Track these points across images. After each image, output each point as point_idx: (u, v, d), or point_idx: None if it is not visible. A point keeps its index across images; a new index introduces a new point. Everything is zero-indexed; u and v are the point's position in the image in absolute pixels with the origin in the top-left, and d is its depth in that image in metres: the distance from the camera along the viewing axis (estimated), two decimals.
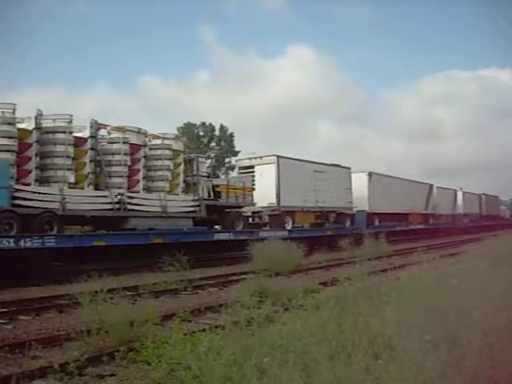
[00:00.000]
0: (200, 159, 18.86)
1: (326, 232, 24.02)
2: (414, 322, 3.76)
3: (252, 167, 22.37)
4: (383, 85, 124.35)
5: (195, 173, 17.85)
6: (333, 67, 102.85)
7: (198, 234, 17.00)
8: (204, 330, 6.13)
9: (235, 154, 48.91)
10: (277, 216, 21.50)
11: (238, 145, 52.09)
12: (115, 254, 14.61)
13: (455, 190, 44.99)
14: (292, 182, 22.15)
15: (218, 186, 19.22)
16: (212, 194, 18.43)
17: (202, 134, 52.02)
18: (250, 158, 22.96)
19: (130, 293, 9.05)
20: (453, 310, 3.93)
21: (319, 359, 3.26)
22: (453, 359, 3.02)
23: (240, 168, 23.54)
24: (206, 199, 17.92)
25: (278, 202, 21.38)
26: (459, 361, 3.01)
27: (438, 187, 40.69)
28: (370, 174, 28.97)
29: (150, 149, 16.67)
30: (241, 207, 19.94)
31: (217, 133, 52.16)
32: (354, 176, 27.27)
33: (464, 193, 46.11)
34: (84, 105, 68.17)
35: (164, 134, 17.52)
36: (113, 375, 5.17)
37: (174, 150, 17.07)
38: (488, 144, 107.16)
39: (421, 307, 4.21)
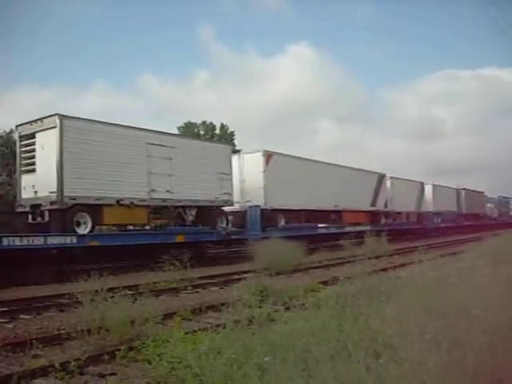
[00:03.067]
0: None
1: (171, 238, 15.78)
2: (415, 320, 3.76)
3: (33, 136, 14.35)
4: (384, 84, 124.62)
5: None
6: (333, 66, 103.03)
7: None
8: (205, 329, 6.13)
9: (236, 152, 48.90)
10: (61, 212, 13.48)
11: (238, 143, 52.11)
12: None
13: (421, 183, 37.02)
14: (94, 158, 13.97)
15: None
16: None
17: (202, 132, 52.02)
18: (30, 122, 14.44)
19: (131, 292, 9.07)
20: (453, 309, 3.94)
21: (320, 358, 3.26)
22: (454, 358, 3.03)
23: (20, 138, 14.79)
24: None
25: (61, 189, 13.33)
26: (460, 360, 3.01)
27: (393, 178, 32.13)
28: (268, 155, 20.58)
29: None
30: None
31: (217, 131, 52.12)
32: (244, 158, 20.82)
33: (435, 186, 38.41)
34: (84, 104, 68.31)
35: None
36: (113, 374, 5.18)
37: None
38: (489, 142, 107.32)
39: (421, 306, 4.21)
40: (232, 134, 52.12)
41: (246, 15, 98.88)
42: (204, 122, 52.13)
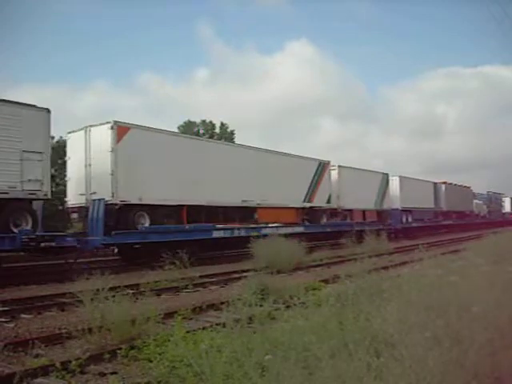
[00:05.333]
0: None
1: None
2: (416, 318, 3.76)
3: None
4: (384, 81, 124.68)
5: None
6: (333, 63, 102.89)
7: None
8: (205, 328, 6.14)
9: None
10: None
11: (238, 142, 52.10)
12: None
13: (385, 175, 30.32)
14: None
15: None
16: None
17: (202, 131, 51.96)
18: None
19: (132, 291, 9.09)
20: (453, 307, 3.93)
21: (321, 356, 3.26)
22: (454, 356, 3.03)
23: None
24: None
25: None
26: (461, 357, 3.01)
27: (341, 167, 25.77)
28: (121, 129, 14.73)
29: None
30: None
31: (217, 130, 52.07)
32: (91, 132, 14.98)
33: (403, 179, 31.96)
34: (84, 102, 68.35)
35: None
36: (114, 373, 5.19)
37: None
38: (491, 140, 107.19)
39: (422, 304, 4.21)
40: (232, 132, 52.11)
41: (245, 13, 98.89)
42: (204, 121, 52.09)
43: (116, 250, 16.49)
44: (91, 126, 15.10)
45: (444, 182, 39.01)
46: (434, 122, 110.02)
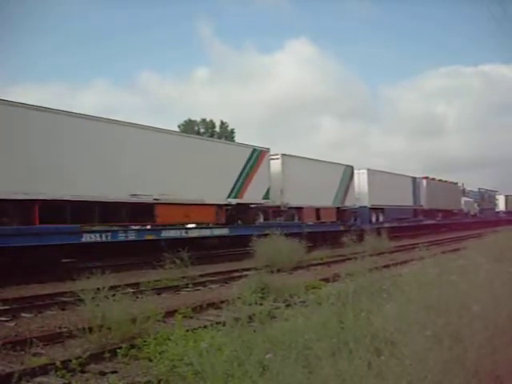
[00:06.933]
0: None
1: None
2: (416, 317, 3.75)
3: None
4: (385, 81, 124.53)
5: None
6: (334, 63, 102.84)
7: None
8: (206, 327, 6.14)
9: None
10: None
11: (239, 141, 52.07)
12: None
13: (347, 167, 25.75)
14: None
15: None
16: None
17: (202, 130, 51.96)
18: None
19: (132, 290, 9.10)
20: (454, 306, 3.93)
21: (321, 355, 3.26)
22: (455, 354, 3.02)
23: None
24: None
25: None
26: (461, 356, 3.01)
27: (286, 156, 21.26)
28: None
29: None
30: None
31: (217, 129, 52.09)
32: None
33: (372, 173, 27.37)
34: (84, 101, 68.36)
35: None
36: (115, 372, 5.19)
37: None
38: (491, 139, 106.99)
39: (422, 303, 4.20)
40: (232, 131, 52.14)
41: (245, 12, 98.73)
42: (204, 120, 52.13)
43: None
44: None
45: (425, 177, 34.76)
46: (435, 121, 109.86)
